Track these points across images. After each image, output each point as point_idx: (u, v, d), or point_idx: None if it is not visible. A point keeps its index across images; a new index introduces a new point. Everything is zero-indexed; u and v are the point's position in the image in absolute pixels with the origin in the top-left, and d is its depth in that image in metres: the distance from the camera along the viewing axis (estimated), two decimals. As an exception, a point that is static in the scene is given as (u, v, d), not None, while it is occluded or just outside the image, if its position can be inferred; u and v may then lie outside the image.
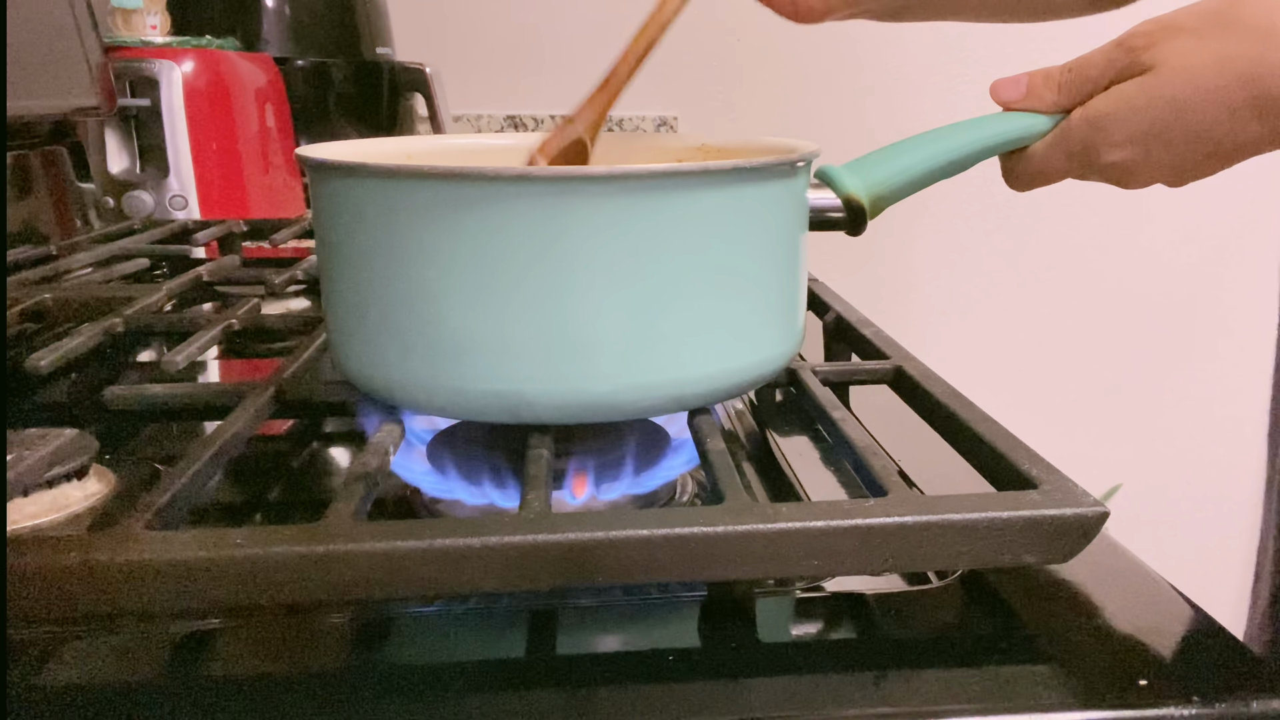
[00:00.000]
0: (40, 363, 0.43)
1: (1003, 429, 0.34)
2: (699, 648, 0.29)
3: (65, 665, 0.28)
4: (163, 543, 0.26)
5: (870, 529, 0.27)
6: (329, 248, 0.35)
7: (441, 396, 0.34)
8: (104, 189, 0.85)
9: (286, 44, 1.03)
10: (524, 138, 0.46)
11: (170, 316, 0.52)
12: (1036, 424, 0.80)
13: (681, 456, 0.38)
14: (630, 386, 0.33)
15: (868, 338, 0.46)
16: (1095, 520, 0.28)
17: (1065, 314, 1.59)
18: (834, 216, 0.41)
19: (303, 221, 0.80)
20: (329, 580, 0.26)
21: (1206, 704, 0.25)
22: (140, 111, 0.85)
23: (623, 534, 0.27)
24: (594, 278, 0.32)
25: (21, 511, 0.34)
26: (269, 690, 0.26)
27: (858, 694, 0.26)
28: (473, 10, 1.38)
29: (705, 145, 0.46)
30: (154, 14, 0.90)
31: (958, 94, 1.43)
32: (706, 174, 0.32)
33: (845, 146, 0.46)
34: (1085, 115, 0.43)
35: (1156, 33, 0.41)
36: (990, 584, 0.32)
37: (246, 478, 0.43)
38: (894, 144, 0.44)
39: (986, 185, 0.53)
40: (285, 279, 0.60)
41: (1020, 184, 0.47)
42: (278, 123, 0.95)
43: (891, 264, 1.54)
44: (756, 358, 0.36)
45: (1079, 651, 0.28)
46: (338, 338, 0.37)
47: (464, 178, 0.31)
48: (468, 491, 0.36)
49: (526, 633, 0.29)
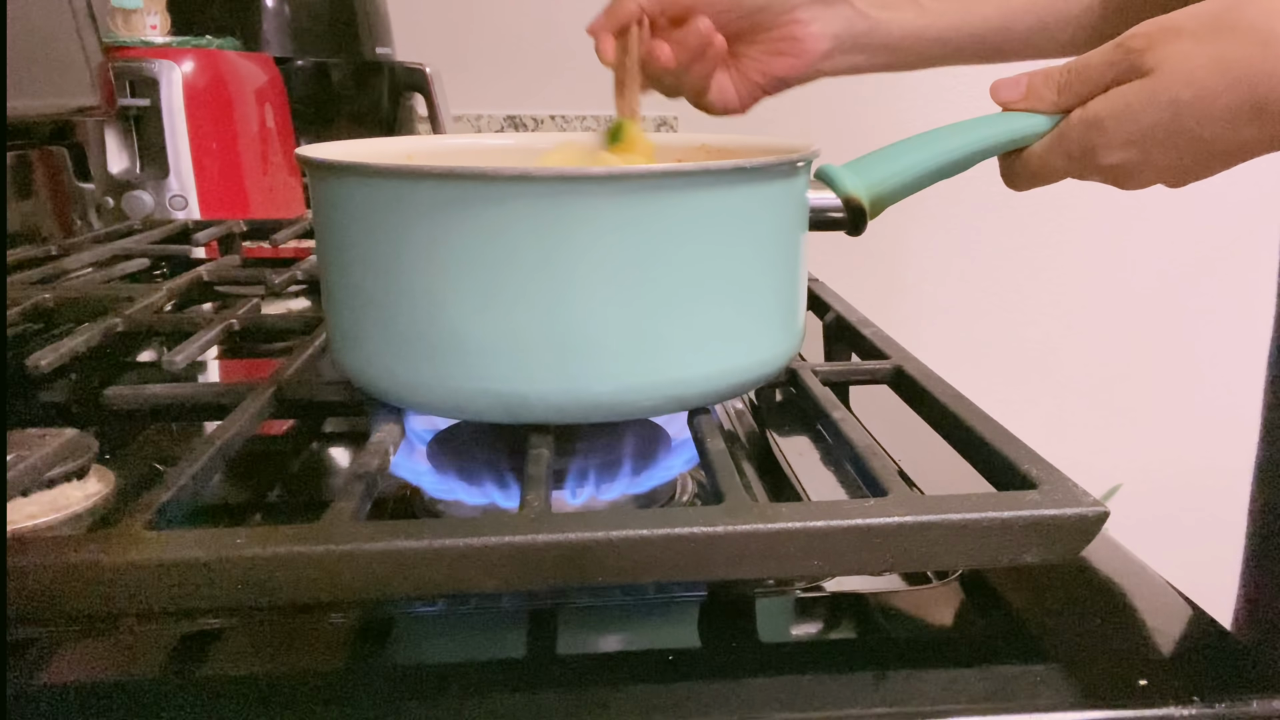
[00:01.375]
0: (40, 363, 0.43)
1: (1003, 429, 0.34)
2: (699, 648, 0.29)
3: (65, 665, 0.28)
4: (163, 543, 0.26)
5: (870, 529, 0.27)
6: (329, 248, 0.35)
7: (441, 396, 0.34)
8: (104, 189, 0.85)
9: (286, 44, 1.03)
10: (524, 138, 0.46)
11: (170, 316, 0.52)
12: (1036, 424, 0.80)
13: (681, 456, 0.38)
14: (630, 386, 0.33)
15: (868, 338, 0.46)
16: (1095, 520, 0.28)
17: (1065, 314, 1.59)
18: (834, 216, 0.41)
19: (303, 221, 0.80)
20: (329, 580, 0.26)
21: (1206, 704, 0.25)
22: (140, 111, 0.85)
23: (623, 534, 0.27)
24: (594, 278, 0.32)
25: (21, 511, 0.34)
26: (269, 690, 0.26)
27: (858, 694, 0.26)
28: (473, 10, 1.38)
29: (705, 145, 0.46)
30: (154, 14, 0.90)
31: (957, 94, 1.43)
32: (706, 174, 0.32)
33: (845, 146, 0.46)
34: (1085, 116, 0.43)
35: (1156, 35, 0.41)
36: (990, 584, 0.32)
37: (246, 478, 0.43)
38: (894, 144, 0.44)
39: (986, 185, 0.53)
40: (285, 279, 0.60)
41: (1019, 184, 0.47)
42: (278, 123, 0.95)
43: (891, 264, 1.54)
44: (756, 358, 0.36)
45: (1079, 651, 0.28)
46: (338, 338, 0.37)
47: (464, 178, 0.31)
48: (468, 491, 0.36)
49: (526, 633, 0.29)
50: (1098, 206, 1.51)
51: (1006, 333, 1.58)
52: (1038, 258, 1.56)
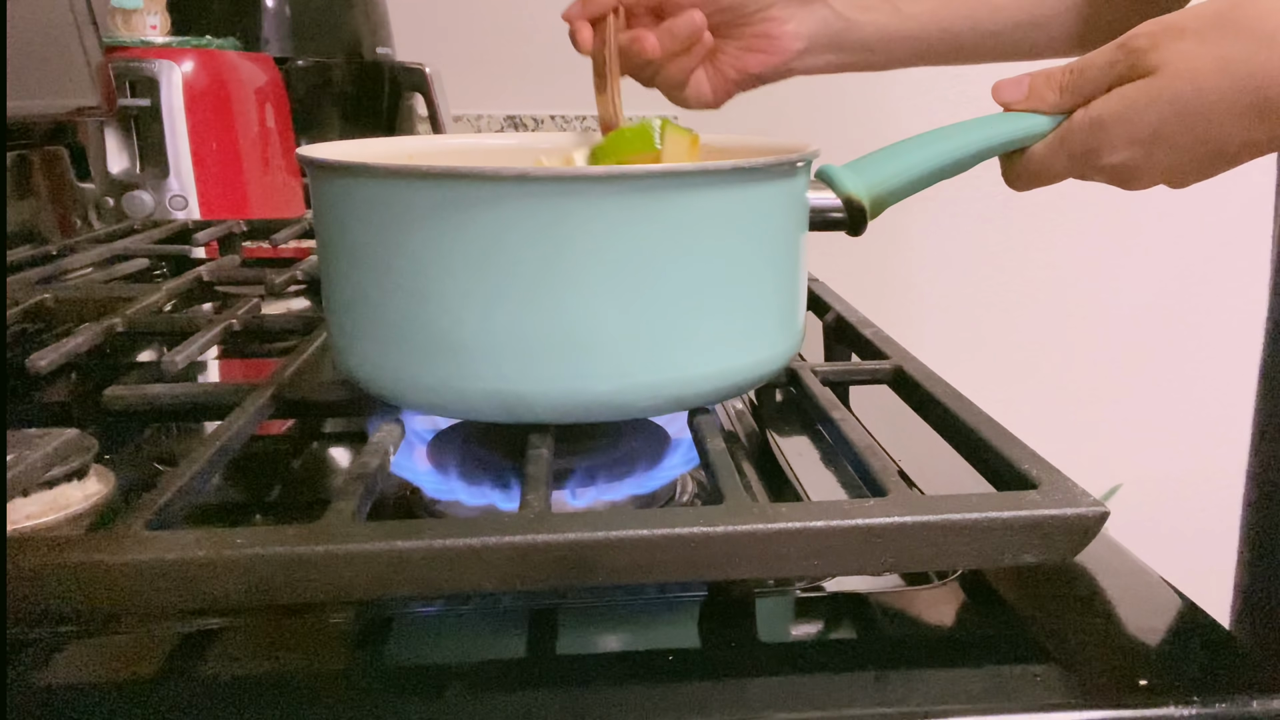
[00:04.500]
0: (40, 363, 0.43)
1: (1003, 429, 0.34)
2: (699, 648, 0.29)
3: (65, 665, 0.28)
4: (163, 543, 0.26)
5: (870, 529, 0.27)
6: (329, 248, 0.35)
7: (441, 396, 0.34)
8: (104, 189, 0.85)
9: (286, 44, 1.03)
10: (524, 138, 0.46)
11: (170, 316, 0.53)
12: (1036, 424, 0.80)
13: (681, 456, 0.38)
14: (630, 386, 0.33)
15: (868, 338, 0.46)
16: (1095, 520, 0.28)
17: (1065, 314, 1.59)
18: (834, 217, 0.41)
19: (303, 221, 0.80)
20: (329, 580, 0.26)
21: (1206, 704, 0.25)
22: (140, 111, 0.85)
23: (623, 534, 0.27)
24: (594, 277, 0.32)
25: (21, 511, 0.34)
26: (269, 690, 0.26)
27: (858, 694, 0.26)
28: (473, 10, 1.38)
29: (705, 145, 0.46)
30: (154, 14, 0.90)
31: (957, 94, 1.43)
32: (706, 174, 0.32)
33: (845, 146, 0.46)
34: (1087, 116, 0.43)
35: (1159, 35, 0.41)
36: (990, 584, 0.32)
37: (246, 478, 0.43)
38: (894, 144, 0.44)
39: (987, 186, 0.53)
40: (285, 279, 0.60)
41: (1021, 184, 0.47)
42: (278, 123, 0.95)
43: (891, 264, 1.54)
44: (756, 358, 0.36)
45: (1079, 651, 0.28)
46: (338, 338, 0.37)
47: (464, 178, 0.31)
48: (468, 492, 0.36)
49: (526, 633, 0.29)
50: (1098, 207, 1.50)
51: (1006, 333, 1.58)
52: (1038, 258, 1.56)
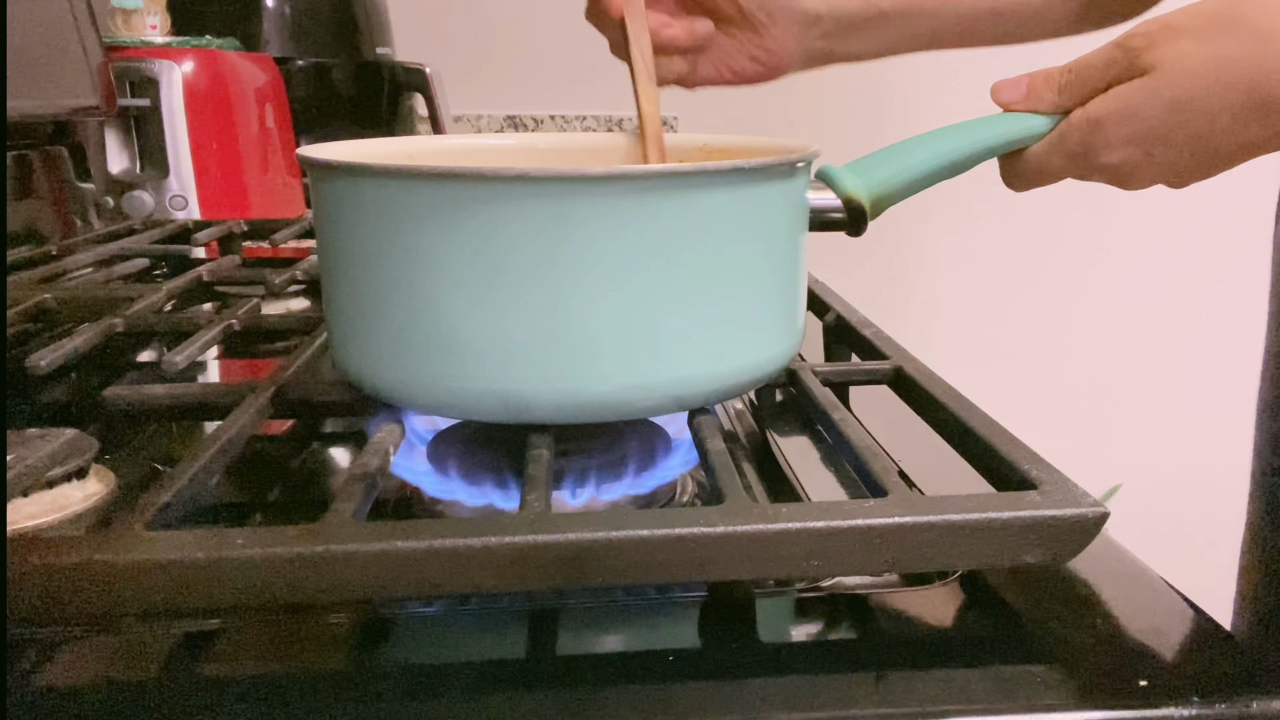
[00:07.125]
0: (40, 363, 0.43)
1: (1003, 429, 0.34)
2: (699, 648, 0.29)
3: (65, 665, 0.28)
4: (163, 543, 0.26)
5: (870, 529, 0.27)
6: (329, 248, 0.35)
7: (441, 396, 0.34)
8: (104, 189, 0.85)
9: (286, 44, 1.03)
10: (524, 138, 0.46)
11: (170, 316, 0.52)
12: (1036, 424, 0.80)
13: (681, 456, 0.38)
14: (630, 386, 0.33)
15: (868, 338, 0.46)
16: (1095, 520, 0.28)
17: (1065, 314, 1.59)
18: (834, 217, 0.41)
19: (303, 221, 0.80)
20: (329, 580, 0.26)
21: (1206, 704, 0.25)
22: (140, 111, 0.85)
23: (623, 534, 0.27)
24: (594, 277, 0.32)
25: (21, 511, 0.34)
26: (269, 690, 0.26)
27: (858, 694, 0.26)
28: (473, 10, 1.38)
29: (705, 145, 0.46)
30: (154, 14, 0.90)
31: (957, 94, 1.43)
32: (706, 174, 0.32)
33: (845, 146, 0.46)
34: (1085, 116, 0.43)
35: (1156, 34, 0.41)
36: (990, 584, 0.32)
37: (246, 478, 0.43)
38: (894, 144, 0.44)
39: (987, 186, 0.53)
40: (285, 279, 0.60)
41: (1019, 184, 0.47)
42: (278, 123, 0.95)
43: (891, 264, 1.54)
44: (756, 358, 0.36)
45: (1079, 651, 0.28)
46: (338, 338, 0.37)
47: (464, 178, 0.31)
48: (468, 492, 0.36)
49: (526, 633, 0.29)
50: (1098, 207, 1.51)
51: (1006, 333, 1.58)
52: (1038, 258, 1.56)
